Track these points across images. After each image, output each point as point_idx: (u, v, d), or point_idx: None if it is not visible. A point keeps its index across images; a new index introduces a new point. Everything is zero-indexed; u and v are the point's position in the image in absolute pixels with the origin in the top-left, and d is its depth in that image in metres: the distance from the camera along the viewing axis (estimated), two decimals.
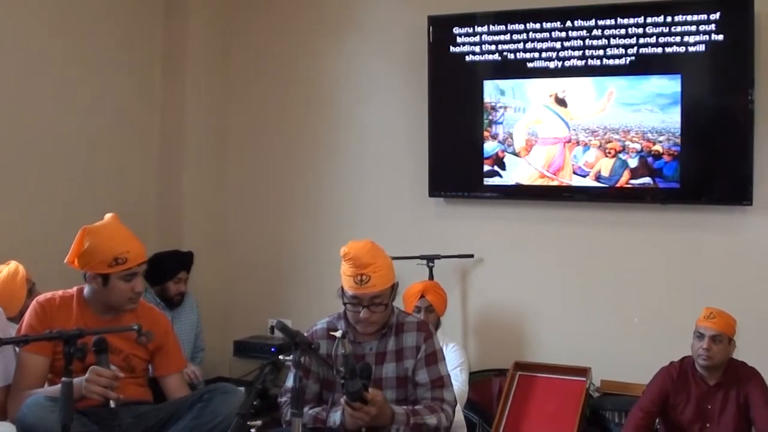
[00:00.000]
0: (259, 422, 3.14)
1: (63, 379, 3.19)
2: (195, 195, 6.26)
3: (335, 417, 3.50)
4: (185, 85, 6.21)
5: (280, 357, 3.10)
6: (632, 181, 5.19)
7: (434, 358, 3.66)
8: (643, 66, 5.15)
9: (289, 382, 3.19)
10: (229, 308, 6.27)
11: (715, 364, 4.28)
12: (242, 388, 3.94)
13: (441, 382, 3.65)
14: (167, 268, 5.25)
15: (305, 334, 3.63)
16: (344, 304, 3.61)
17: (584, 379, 5.14)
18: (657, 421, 4.48)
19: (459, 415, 4.70)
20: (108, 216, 3.85)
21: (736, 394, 4.28)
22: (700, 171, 5.12)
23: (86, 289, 3.81)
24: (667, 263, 5.27)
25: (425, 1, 5.74)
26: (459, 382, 4.94)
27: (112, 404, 3.36)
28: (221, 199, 6.38)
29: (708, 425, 4.30)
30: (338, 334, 3.30)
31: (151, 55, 6.16)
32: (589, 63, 5.26)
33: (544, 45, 5.34)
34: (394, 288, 3.61)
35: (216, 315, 6.06)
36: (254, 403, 3.04)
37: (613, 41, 5.20)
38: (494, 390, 5.37)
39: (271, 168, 6.26)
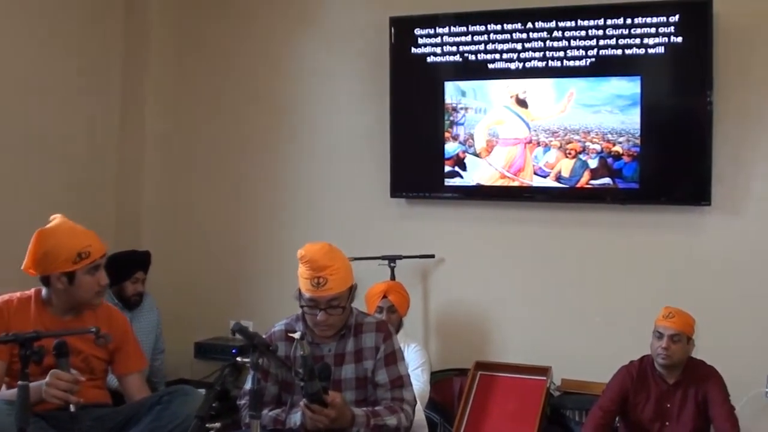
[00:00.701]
0: (217, 424, 3.12)
1: (19, 382, 3.17)
2: (154, 195, 6.25)
3: (295, 419, 3.50)
4: (144, 84, 6.21)
5: (239, 359, 3.09)
6: (592, 182, 5.22)
7: (393, 358, 3.65)
8: (603, 67, 5.18)
9: (248, 385, 3.18)
10: (190, 309, 6.21)
11: (674, 363, 4.31)
12: (202, 390, 3.92)
13: (400, 382, 3.64)
14: (124, 268, 5.19)
15: (264, 336, 3.64)
16: (301, 306, 3.59)
17: (545, 378, 5.16)
18: (617, 419, 4.51)
19: (420, 415, 4.70)
20: (57, 217, 3.83)
21: (695, 393, 4.31)
22: (659, 172, 5.15)
23: (44, 291, 3.78)
24: (627, 263, 5.30)
25: (387, 2, 5.73)
26: (420, 382, 4.95)
27: (71, 408, 3.34)
28: (181, 199, 6.35)
29: (667, 424, 4.33)
30: (296, 335, 3.29)
31: (110, 54, 6.14)
32: (549, 64, 5.28)
33: (505, 46, 5.36)
34: (351, 290, 3.59)
35: (177, 316, 6.00)
36: (213, 405, 3.03)
37: (573, 43, 5.23)
38: (455, 390, 5.39)
39: (232, 168, 6.23)
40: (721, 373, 4.38)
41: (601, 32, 5.17)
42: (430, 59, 5.55)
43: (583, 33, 5.20)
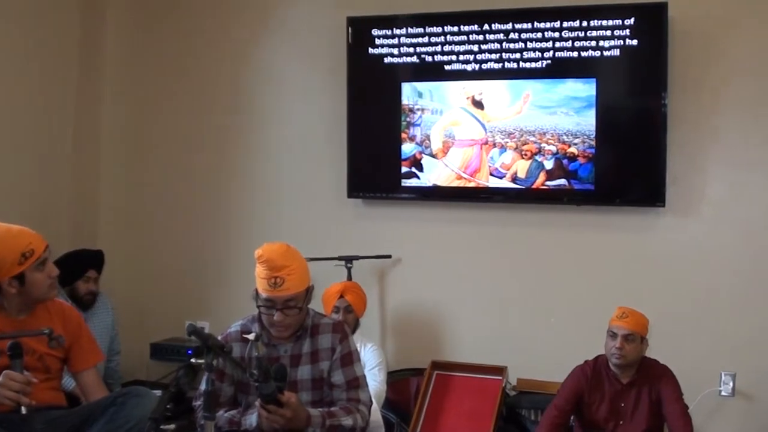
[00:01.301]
0: (172, 426, 3.13)
1: None
2: (110, 196, 6.20)
3: (251, 420, 3.49)
4: (101, 85, 6.16)
5: (193, 360, 3.08)
6: (548, 183, 5.26)
7: (350, 359, 3.66)
8: (559, 69, 5.22)
9: (204, 386, 3.18)
10: (146, 310, 6.18)
11: (628, 363, 4.35)
12: (158, 392, 3.90)
13: (357, 383, 3.65)
14: (75, 267, 5.12)
15: (220, 337, 3.63)
16: (258, 306, 3.58)
17: (501, 377, 5.19)
18: (572, 418, 4.54)
19: (377, 415, 4.71)
20: None
21: (649, 392, 4.35)
22: (614, 173, 5.19)
23: None
24: (582, 263, 5.35)
25: (345, 3, 5.73)
26: (377, 381, 4.97)
27: (23, 410, 3.31)
28: (138, 199, 6.29)
29: (621, 423, 4.36)
30: (251, 336, 3.29)
31: (66, 55, 6.07)
32: (506, 66, 5.31)
33: (462, 48, 5.38)
34: (308, 291, 3.59)
35: (132, 317, 5.96)
36: (168, 406, 3.02)
37: (529, 45, 5.26)
38: (412, 389, 5.41)
39: (189, 168, 6.19)
40: (675, 373, 4.42)
41: (557, 34, 5.20)
42: (387, 60, 5.56)
43: (539, 35, 5.23)
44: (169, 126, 6.24)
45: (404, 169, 5.55)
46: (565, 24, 5.18)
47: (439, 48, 5.43)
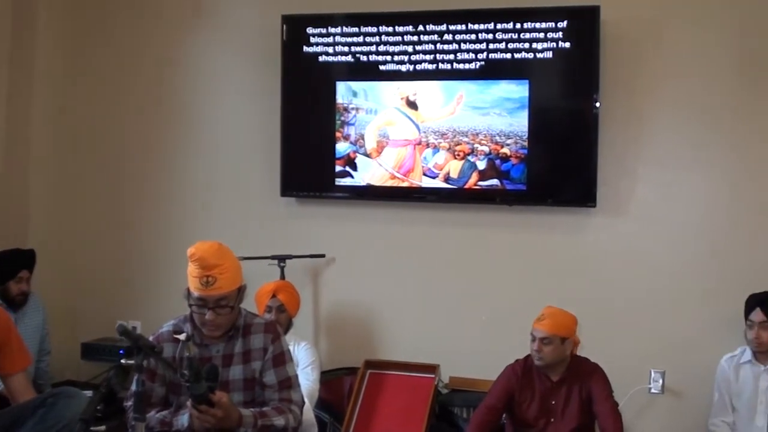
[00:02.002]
0: (103, 427, 3.11)
1: None
2: (40, 193, 6.11)
3: (182, 420, 3.46)
4: (32, 80, 6.05)
5: (123, 361, 3.05)
6: (480, 183, 5.30)
7: (282, 359, 3.65)
8: (492, 71, 5.26)
9: (134, 387, 3.15)
10: (77, 309, 6.10)
11: (548, 364, 4.39)
12: (89, 392, 3.87)
13: (289, 383, 3.64)
14: (7, 267, 5.07)
15: (152, 337, 3.60)
16: (190, 306, 3.55)
17: (433, 375, 5.23)
18: (504, 416, 4.57)
19: (310, 414, 4.72)
20: None
21: (579, 390, 4.40)
22: (546, 174, 5.25)
23: None
24: (514, 263, 5.40)
25: (280, 0, 5.72)
26: (310, 380, 4.96)
27: None
28: (68, 197, 6.21)
29: (552, 420, 4.41)
30: (182, 337, 3.27)
31: None
32: (440, 67, 5.33)
33: (397, 48, 5.40)
34: (241, 290, 3.57)
35: (63, 316, 5.88)
36: (98, 407, 3.00)
37: (463, 46, 5.29)
38: (345, 388, 5.42)
39: (120, 165, 6.13)
40: (606, 370, 4.48)
41: (490, 36, 5.24)
42: (321, 59, 5.55)
43: (473, 37, 5.27)
44: (100, 122, 6.16)
45: (338, 168, 5.55)
46: (498, 26, 5.23)
47: (373, 48, 5.44)
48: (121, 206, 6.12)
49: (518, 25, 5.20)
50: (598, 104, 5.07)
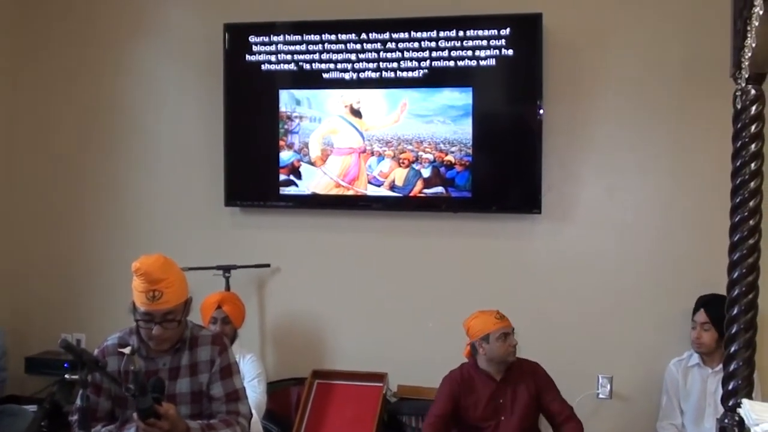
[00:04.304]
0: None
1: None
2: None
3: None
4: None
5: (67, 376, 3.00)
6: (426, 191, 5.30)
7: (229, 371, 3.62)
8: (435, 78, 5.27)
9: (79, 402, 3.10)
10: (21, 323, 5.99)
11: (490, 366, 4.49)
12: (34, 407, 3.79)
13: (236, 395, 3.61)
14: None
15: (97, 350, 3.55)
16: (136, 320, 3.51)
17: (381, 384, 5.23)
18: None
19: (257, 426, 4.68)
20: None
21: (526, 386, 4.47)
22: (491, 181, 5.27)
23: None
24: (460, 270, 5.41)
25: (222, 9, 5.69)
26: (257, 393, 4.92)
27: None
28: (9, 207, 6.08)
29: (503, 418, 4.45)
30: (127, 350, 3.22)
31: None
32: (383, 75, 5.34)
33: (340, 56, 5.39)
34: (187, 303, 3.54)
35: (6, 330, 5.77)
36: (43, 423, 2.94)
37: (407, 54, 5.30)
38: (293, 399, 5.40)
39: (62, 174, 6.03)
40: (553, 376, 4.56)
41: (434, 44, 5.26)
42: (264, 67, 5.52)
43: (416, 44, 5.28)
44: (43, 130, 6.06)
45: (282, 177, 5.52)
46: (441, 34, 5.24)
47: (317, 56, 5.42)
48: (63, 216, 6.02)
49: (461, 33, 5.22)
50: (541, 111, 5.11)
